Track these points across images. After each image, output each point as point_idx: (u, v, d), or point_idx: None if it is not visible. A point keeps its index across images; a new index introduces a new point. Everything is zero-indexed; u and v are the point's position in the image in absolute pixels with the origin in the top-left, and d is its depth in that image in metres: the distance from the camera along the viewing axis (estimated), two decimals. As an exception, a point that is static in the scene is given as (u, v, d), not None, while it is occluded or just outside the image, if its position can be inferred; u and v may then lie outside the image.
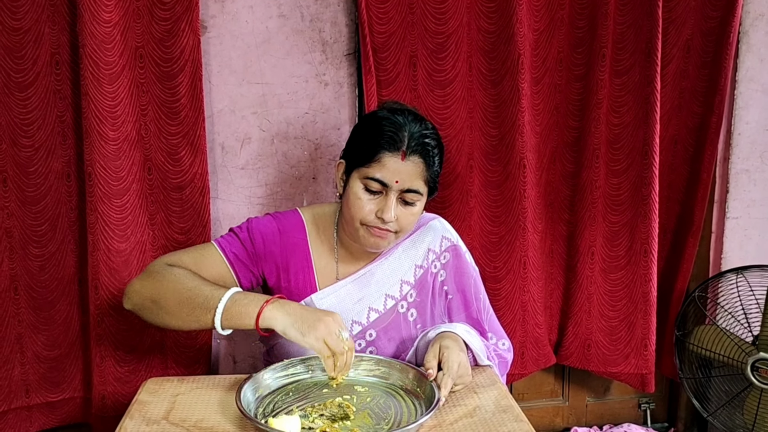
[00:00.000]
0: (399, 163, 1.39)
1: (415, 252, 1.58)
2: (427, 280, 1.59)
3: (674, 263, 2.29)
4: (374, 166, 1.40)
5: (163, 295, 1.38)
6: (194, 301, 1.34)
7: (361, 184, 1.43)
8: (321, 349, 1.26)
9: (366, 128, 1.47)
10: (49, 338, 1.89)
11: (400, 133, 1.40)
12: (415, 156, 1.40)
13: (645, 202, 2.09)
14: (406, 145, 1.40)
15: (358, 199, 1.43)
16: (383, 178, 1.40)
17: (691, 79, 2.15)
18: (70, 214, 1.86)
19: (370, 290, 1.55)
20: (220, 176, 1.96)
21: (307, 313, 1.29)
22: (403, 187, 1.41)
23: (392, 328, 1.56)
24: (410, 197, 1.43)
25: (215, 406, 1.33)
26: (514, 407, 1.34)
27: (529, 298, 2.14)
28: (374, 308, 1.55)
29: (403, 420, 1.27)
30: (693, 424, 2.50)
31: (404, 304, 1.57)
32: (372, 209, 1.43)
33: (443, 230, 1.62)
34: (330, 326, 1.27)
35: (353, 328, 1.54)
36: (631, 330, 2.19)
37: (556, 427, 2.48)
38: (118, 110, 1.73)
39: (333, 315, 1.30)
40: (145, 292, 1.42)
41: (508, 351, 1.65)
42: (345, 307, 1.54)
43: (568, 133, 2.13)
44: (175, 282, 1.39)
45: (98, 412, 1.87)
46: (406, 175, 1.40)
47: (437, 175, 1.48)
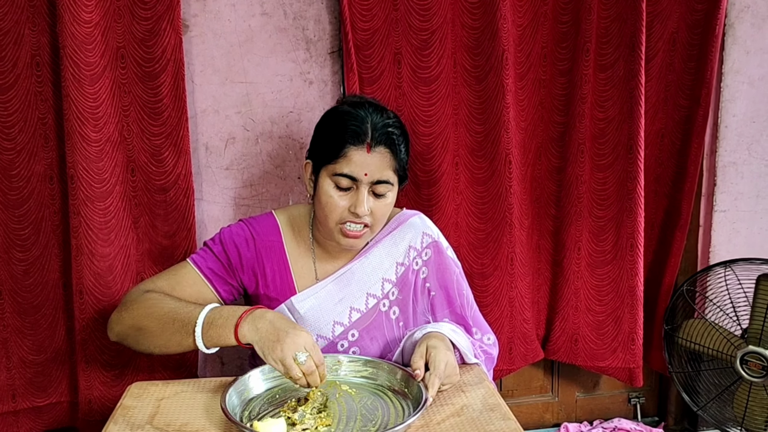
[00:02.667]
0: (365, 155, 1.39)
1: (395, 249, 1.57)
2: (409, 278, 1.58)
3: (662, 257, 2.29)
4: (341, 161, 1.40)
5: (144, 322, 1.39)
6: (174, 324, 1.35)
7: (331, 182, 1.42)
8: (280, 370, 1.27)
9: (329, 125, 1.47)
10: (35, 343, 1.88)
11: (363, 126, 1.40)
12: (381, 147, 1.40)
13: (631, 196, 2.09)
14: (370, 137, 1.39)
15: (329, 198, 1.42)
16: (352, 173, 1.39)
17: (677, 73, 2.15)
18: (54, 218, 1.84)
19: (351, 289, 1.54)
20: (204, 177, 1.94)
21: (271, 331, 1.27)
22: (372, 179, 1.41)
23: (375, 327, 1.55)
24: (381, 189, 1.43)
25: (200, 409, 1.32)
26: (501, 405, 1.33)
27: (517, 294, 2.13)
28: (356, 308, 1.54)
29: (390, 421, 1.26)
30: (683, 417, 2.50)
31: (386, 303, 1.56)
32: (345, 206, 1.42)
33: (423, 227, 1.60)
34: (286, 349, 1.24)
35: (335, 329, 1.53)
36: (618, 324, 2.20)
37: (546, 422, 2.48)
38: (99, 111, 1.72)
39: (295, 336, 1.26)
40: (127, 321, 1.42)
41: (494, 346, 1.65)
42: (326, 308, 1.52)
43: (554, 129, 2.12)
44: (154, 307, 1.39)
45: (85, 416, 1.86)
46: (374, 167, 1.40)
47: (405, 163, 1.47)
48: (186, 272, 1.51)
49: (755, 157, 2.29)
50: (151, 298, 1.42)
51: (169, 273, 1.53)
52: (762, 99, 2.26)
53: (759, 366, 2.06)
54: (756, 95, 2.25)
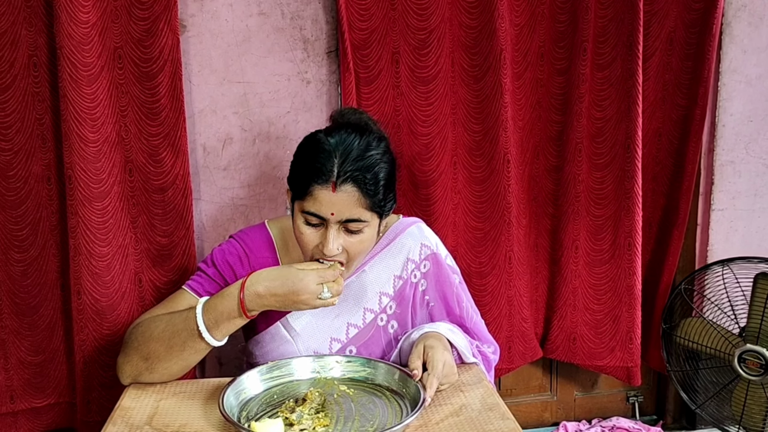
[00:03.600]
0: (330, 194, 1.29)
1: (393, 262, 1.52)
2: (407, 292, 1.53)
3: (660, 256, 2.29)
4: (308, 199, 1.32)
5: (148, 350, 1.36)
6: (178, 336, 1.33)
7: (302, 218, 1.36)
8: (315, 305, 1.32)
9: (300, 157, 1.38)
10: (33, 344, 1.87)
11: (328, 163, 1.30)
12: (348, 185, 1.30)
13: (628, 195, 2.09)
14: (336, 175, 1.29)
15: (301, 234, 1.36)
16: (318, 212, 1.31)
17: (675, 72, 2.15)
18: (52, 218, 1.83)
19: (347, 305, 1.50)
20: (202, 177, 1.94)
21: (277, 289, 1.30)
22: (340, 218, 1.32)
23: (373, 342, 1.52)
24: (353, 226, 1.33)
25: (199, 410, 1.32)
26: (500, 405, 1.33)
27: (515, 293, 2.13)
28: (353, 323, 1.51)
29: (388, 421, 1.26)
30: (681, 416, 2.50)
31: (384, 317, 1.53)
32: (317, 242, 1.36)
33: (422, 237, 1.55)
34: (305, 299, 1.30)
35: (332, 346, 1.50)
36: (616, 323, 2.20)
37: (545, 421, 2.48)
38: (97, 112, 1.71)
39: (300, 284, 1.30)
40: (132, 358, 1.39)
41: (494, 353, 1.63)
42: (322, 324, 1.49)
43: (551, 128, 2.12)
44: (150, 331, 1.37)
45: (83, 417, 1.86)
46: (341, 206, 1.30)
47: (383, 195, 1.35)
48: (183, 299, 1.47)
49: (753, 155, 2.29)
50: (143, 325, 1.39)
51: (167, 303, 1.49)
52: (759, 98, 2.26)
53: (757, 364, 2.06)
54: (753, 94, 2.25)
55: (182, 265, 1.87)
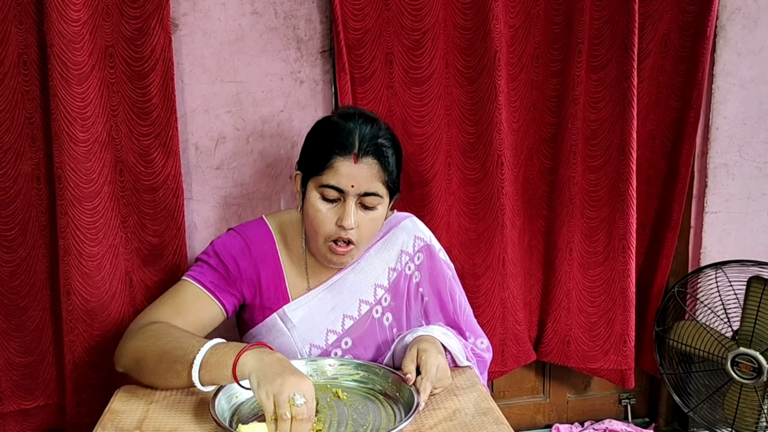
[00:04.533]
0: (352, 166, 1.36)
1: (387, 254, 1.55)
2: (401, 283, 1.56)
3: (653, 259, 2.29)
4: (328, 172, 1.37)
5: (143, 354, 1.34)
6: (172, 355, 1.28)
7: (318, 194, 1.39)
8: (266, 406, 1.12)
9: (317, 136, 1.44)
10: (22, 345, 1.85)
11: (351, 137, 1.37)
12: (369, 158, 1.37)
13: (623, 197, 2.09)
14: (357, 148, 1.36)
15: (317, 211, 1.39)
16: (338, 184, 1.36)
17: (669, 74, 2.14)
18: (41, 218, 1.81)
19: (343, 297, 1.52)
20: (194, 177, 1.93)
21: (275, 365, 1.16)
22: (359, 191, 1.37)
23: (368, 334, 1.54)
24: (369, 201, 1.39)
25: (189, 414, 1.30)
26: (494, 409, 1.32)
27: (509, 295, 2.13)
28: (349, 315, 1.52)
29: (382, 425, 1.25)
30: (673, 419, 2.50)
31: (379, 309, 1.55)
32: (332, 219, 1.39)
33: (415, 230, 1.59)
34: (287, 386, 1.11)
35: (328, 337, 1.51)
36: (610, 326, 2.19)
37: (538, 424, 2.48)
38: (87, 111, 1.69)
39: (300, 379, 1.14)
40: (128, 353, 1.37)
41: (487, 350, 1.64)
42: (319, 316, 1.51)
43: (546, 130, 2.12)
44: (154, 338, 1.34)
45: (73, 419, 1.84)
46: (361, 179, 1.36)
47: (396, 175, 1.44)
48: (188, 291, 1.46)
49: (746, 158, 2.29)
50: (152, 328, 1.36)
51: (171, 296, 1.47)
52: (753, 101, 2.26)
53: (750, 368, 2.06)
54: (747, 97, 2.25)
55: (173, 265, 1.85)
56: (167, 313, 1.43)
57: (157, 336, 1.34)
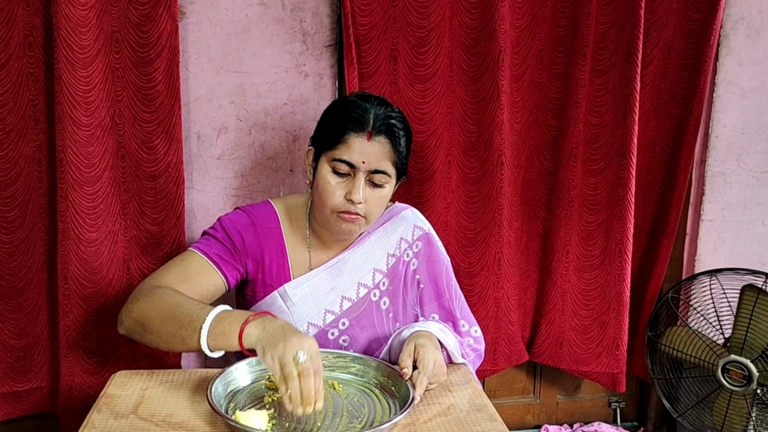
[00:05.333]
0: (365, 143, 1.41)
1: (387, 241, 1.59)
2: (399, 269, 1.59)
3: (648, 264, 2.30)
4: (341, 147, 1.41)
5: (149, 316, 1.34)
6: (178, 319, 1.29)
7: (329, 167, 1.43)
8: (273, 370, 1.16)
9: (333, 112, 1.48)
10: (17, 327, 1.85)
11: (365, 115, 1.42)
12: (381, 136, 1.42)
13: (621, 202, 2.09)
14: (371, 126, 1.41)
15: (327, 184, 1.43)
16: (350, 159, 1.41)
17: (671, 81, 2.15)
18: (41, 201, 1.81)
19: (342, 279, 1.55)
20: (195, 166, 1.93)
21: (278, 331, 1.19)
22: (370, 168, 1.42)
23: (365, 316, 1.57)
24: (378, 179, 1.43)
25: (185, 400, 1.31)
26: (488, 406, 1.33)
27: (503, 295, 2.13)
28: (347, 297, 1.55)
29: (377, 418, 1.26)
30: (662, 423, 2.52)
31: (377, 293, 1.58)
32: (341, 193, 1.43)
33: (415, 219, 1.63)
34: (289, 347, 1.14)
35: (326, 317, 1.54)
36: (604, 329, 2.20)
37: (527, 424, 2.49)
38: (91, 95, 1.70)
39: (302, 338, 1.17)
40: (133, 315, 1.38)
41: (481, 339, 1.66)
42: (318, 295, 1.54)
43: (547, 132, 2.13)
44: (160, 302, 1.35)
45: (65, 402, 1.84)
46: (372, 156, 1.41)
47: (405, 157, 1.48)
48: (193, 261, 1.48)
49: (744, 168, 2.30)
50: (160, 293, 1.37)
51: (176, 264, 1.49)
52: (753, 111, 2.27)
53: (740, 375, 2.08)
54: (747, 107, 2.26)
55: (172, 254, 1.85)
56: (173, 280, 1.44)
57: (163, 300, 1.35)
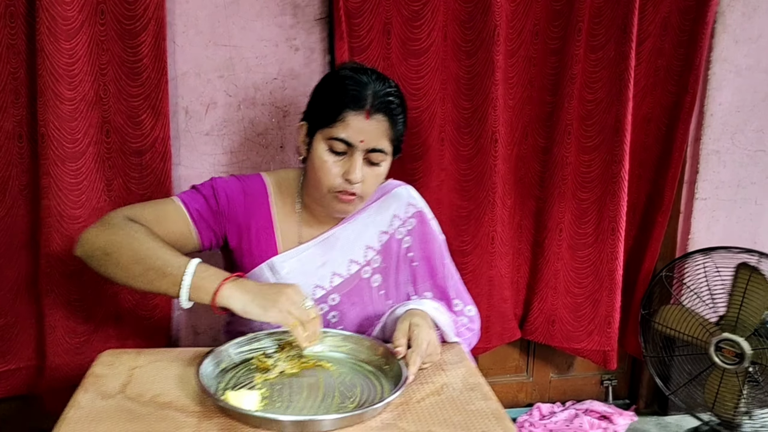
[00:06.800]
0: (363, 122, 1.36)
1: (380, 218, 1.55)
2: (392, 247, 1.56)
3: (642, 242, 2.29)
4: (338, 125, 1.37)
5: (117, 249, 1.31)
6: (149, 262, 1.28)
7: (326, 146, 1.39)
8: (286, 321, 1.24)
9: (329, 87, 1.43)
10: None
11: (363, 92, 1.37)
12: (380, 114, 1.38)
13: (615, 180, 2.08)
14: (370, 104, 1.36)
15: (324, 162, 1.39)
16: (348, 138, 1.37)
17: (667, 57, 2.13)
18: (21, 177, 1.77)
19: (333, 254, 1.52)
20: (183, 142, 1.88)
21: (266, 288, 1.27)
22: (368, 147, 1.38)
23: (355, 293, 1.54)
24: (375, 157, 1.40)
25: (174, 380, 1.27)
26: (482, 385, 1.31)
27: (496, 273, 2.12)
28: (338, 273, 1.52)
29: (369, 398, 1.23)
30: (653, 401, 2.53)
31: (368, 270, 1.55)
32: (338, 172, 1.39)
33: (409, 197, 1.59)
34: (292, 297, 1.25)
35: (315, 292, 1.51)
36: (596, 307, 2.20)
37: (520, 402, 2.49)
38: (75, 68, 1.66)
39: (293, 286, 1.27)
40: (99, 242, 1.34)
41: (476, 317, 1.64)
42: (307, 270, 1.50)
43: (542, 108, 2.10)
44: (132, 238, 1.32)
45: (50, 383, 1.81)
46: (370, 134, 1.37)
47: (401, 134, 1.45)
48: (173, 209, 1.44)
49: (738, 146, 2.29)
50: (134, 228, 1.34)
51: (155, 205, 1.45)
52: (748, 89, 2.25)
53: (732, 353, 2.07)
54: (742, 85, 2.24)
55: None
56: (146, 218, 1.39)
57: (137, 237, 1.32)
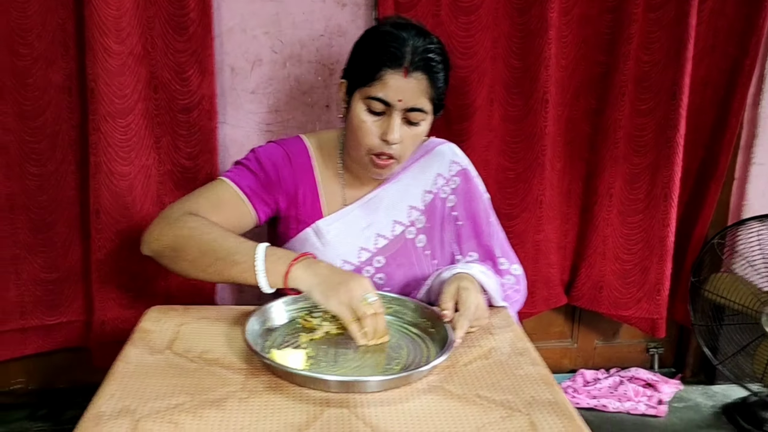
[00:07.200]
0: (402, 80, 1.31)
1: (423, 177, 1.53)
2: (436, 206, 1.54)
3: (694, 209, 2.23)
4: (376, 84, 1.32)
5: (184, 245, 1.30)
6: (217, 253, 1.27)
7: (364, 105, 1.35)
8: (343, 314, 1.19)
9: (367, 44, 1.38)
10: (47, 261, 1.84)
11: (402, 49, 1.31)
12: (419, 72, 1.32)
13: (669, 144, 2.01)
14: (409, 61, 1.31)
15: (362, 123, 1.36)
16: (386, 97, 1.32)
17: (729, 19, 2.04)
18: (71, 132, 1.77)
19: (377, 216, 1.50)
20: (228, 100, 1.87)
21: (333, 276, 1.22)
22: (406, 106, 1.33)
23: (401, 254, 1.52)
24: (415, 116, 1.35)
25: (221, 337, 1.27)
26: (530, 350, 1.29)
27: (543, 238, 2.08)
28: (382, 234, 1.50)
29: (416, 361, 1.22)
30: (700, 370, 2.49)
31: (412, 230, 1.53)
32: (376, 132, 1.36)
33: (452, 155, 1.56)
34: (353, 291, 1.18)
35: (361, 255, 1.49)
36: (645, 274, 2.15)
37: (563, 368, 2.47)
38: (123, 22, 1.64)
39: (360, 279, 1.21)
40: (165, 240, 1.34)
41: (522, 278, 1.60)
42: (352, 232, 1.49)
43: (595, 69, 2.03)
44: (197, 230, 1.31)
45: (98, 337, 1.84)
46: (409, 93, 1.32)
47: (443, 92, 1.40)
48: (223, 190, 1.42)
49: (798, 111, 2.19)
50: (195, 221, 1.33)
51: (207, 191, 1.43)
52: (811, 52, 2.15)
53: (785, 324, 2.02)
54: (805, 47, 2.14)
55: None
56: (204, 208, 1.38)
57: (200, 229, 1.31)
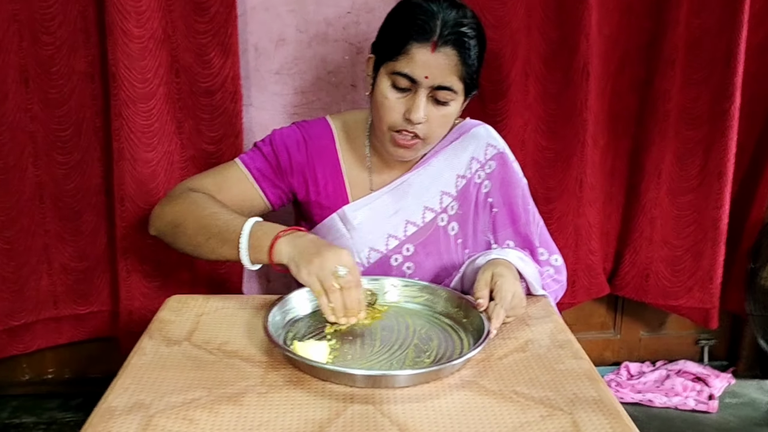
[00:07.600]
0: (428, 55, 1.24)
1: (456, 161, 1.45)
2: (470, 192, 1.46)
3: (750, 188, 2.09)
4: (401, 59, 1.26)
5: (183, 220, 1.31)
6: (210, 230, 1.26)
7: (389, 81, 1.29)
8: (312, 285, 1.13)
9: (396, 15, 1.32)
10: (77, 249, 1.84)
11: (431, 22, 1.24)
12: (448, 47, 1.25)
13: (724, 117, 1.89)
14: (437, 35, 1.24)
15: (385, 99, 1.29)
16: (411, 73, 1.25)
17: (788, -22, 1.90)
18: (95, 119, 1.76)
19: (407, 202, 1.43)
20: (253, 81, 1.81)
21: (310, 247, 1.15)
22: (433, 84, 1.26)
23: (431, 242, 1.45)
24: (442, 95, 1.28)
25: (242, 328, 1.22)
26: (572, 342, 1.21)
27: (584, 222, 1.98)
28: (412, 221, 1.44)
29: (447, 353, 1.14)
30: (755, 364, 2.36)
31: (444, 217, 1.45)
32: (400, 109, 1.29)
33: (488, 137, 1.48)
34: (326, 261, 1.12)
35: (389, 242, 1.43)
36: (697, 260, 2.04)
37: (606, 360, 2.37)
38: (142, 4, 1.60)
39: (338, 251, 1.14)
40: (166, 217, 1.34)
41: (562, 268, 1.52)
42: (380, 219, 1.43)
43: (641, 36, 1.91)
44: (195, 205, 1.31)
45: (125, 326, 1.83)
46: (436, 70, 1.25)
47: (476, 71, 1.32)
48: (233, 171, 1.42)
49: None
50: (194, 197, 1.33)
51: (216, 171, 1.44)
52: None
53: None
54: None
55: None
56: (209, 186, 1.39)
57: (198, 205, 1.31)
